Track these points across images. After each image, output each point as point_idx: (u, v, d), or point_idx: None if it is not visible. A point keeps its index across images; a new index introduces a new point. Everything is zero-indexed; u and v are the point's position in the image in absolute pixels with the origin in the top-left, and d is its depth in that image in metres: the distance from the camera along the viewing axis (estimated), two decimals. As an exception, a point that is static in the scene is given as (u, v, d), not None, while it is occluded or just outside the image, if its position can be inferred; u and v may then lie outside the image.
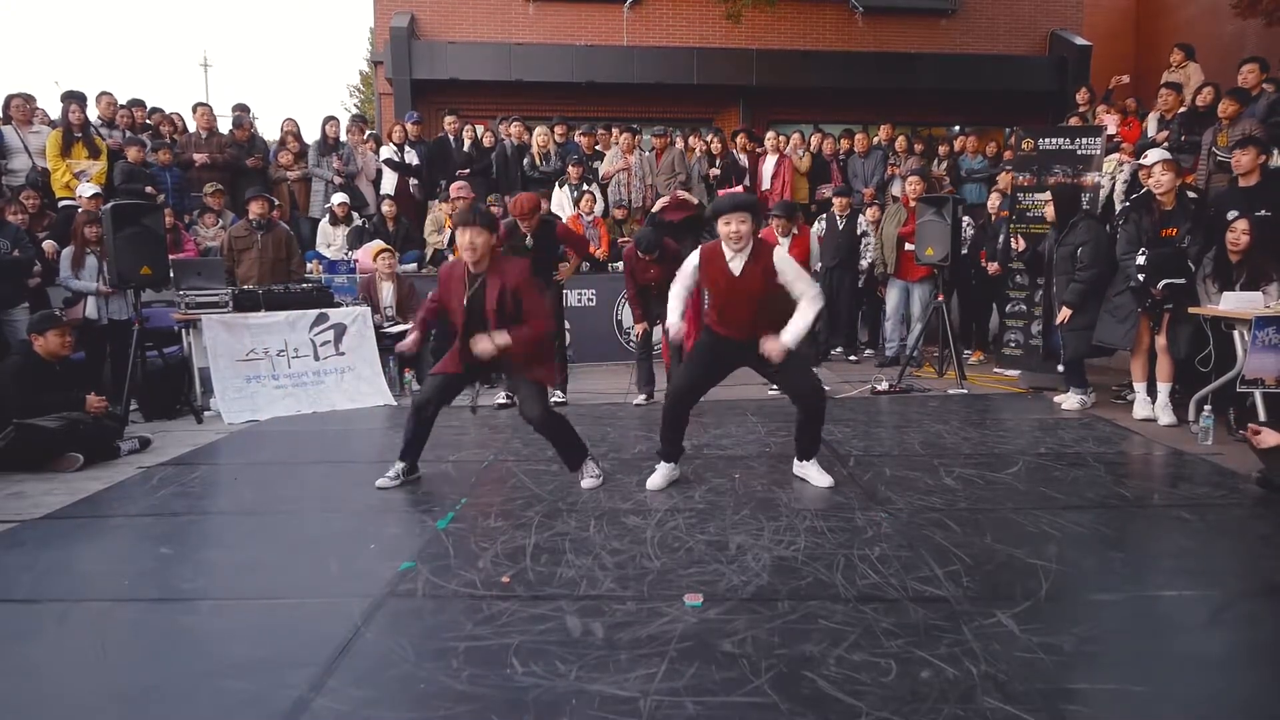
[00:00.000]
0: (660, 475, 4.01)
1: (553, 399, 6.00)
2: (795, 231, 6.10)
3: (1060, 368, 5.74)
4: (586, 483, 4.00)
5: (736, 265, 3.75)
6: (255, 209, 6.90)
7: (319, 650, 2.42)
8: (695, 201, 8.02)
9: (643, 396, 6.07)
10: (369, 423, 5.74)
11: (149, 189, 7.46)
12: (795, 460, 4.11)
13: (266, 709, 2.13)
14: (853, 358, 7.99)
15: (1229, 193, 5.41)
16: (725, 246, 3.76)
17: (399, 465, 4.10)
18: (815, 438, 4.05)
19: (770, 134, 9.50)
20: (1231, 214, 4.94)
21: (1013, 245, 6.03)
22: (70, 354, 5.10)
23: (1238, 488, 3.88)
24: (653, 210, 8.06)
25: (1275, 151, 5.94)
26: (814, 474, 4.01)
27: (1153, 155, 5.52)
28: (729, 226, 3.68)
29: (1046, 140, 6.77)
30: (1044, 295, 5.84)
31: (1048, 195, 5.69)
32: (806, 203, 9.17)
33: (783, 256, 3.80)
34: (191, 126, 8.70)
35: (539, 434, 4.04)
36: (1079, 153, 6.57)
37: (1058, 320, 5.50)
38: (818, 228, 7.84)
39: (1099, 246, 5.35)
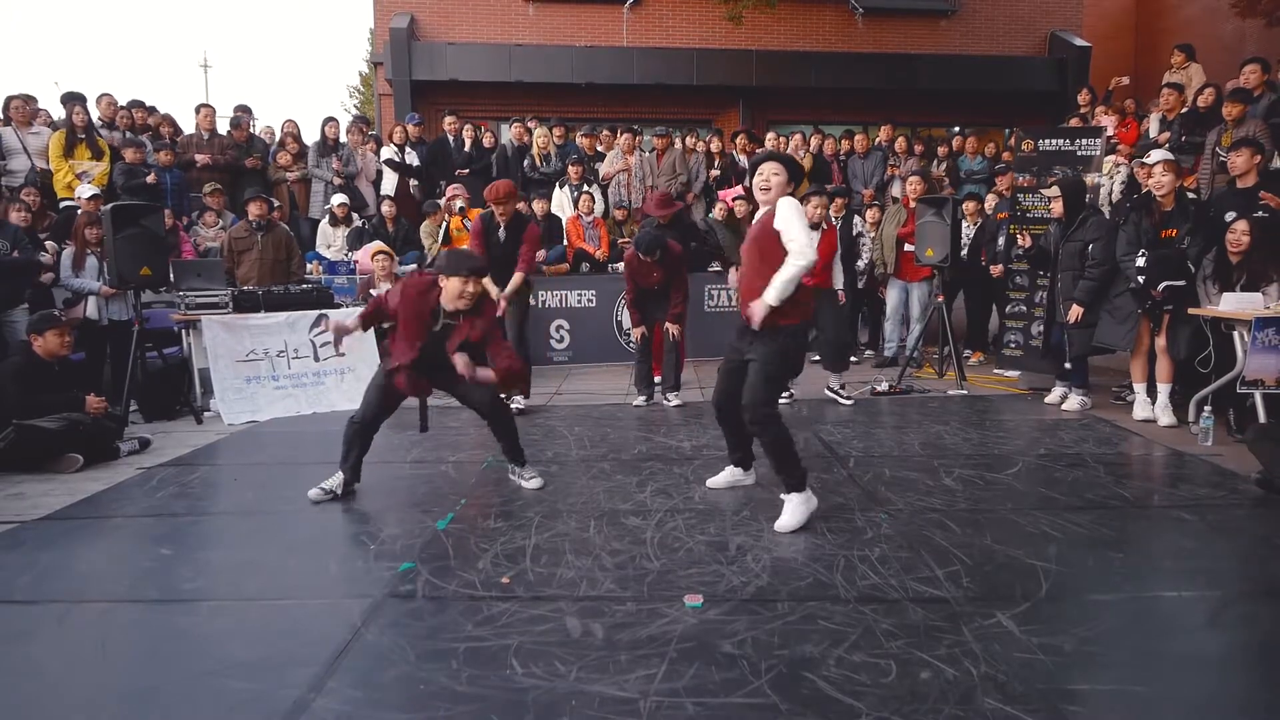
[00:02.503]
0: (723, 475, 4.01)
1: (514, 405, 5.74)
2: (824, 227, 5.94)
3: (1067, 364, 5.70)
4: (533, 483, 4.02)
5: (758, 215, 3.52)
6: (254, 210, 6.91)
7: (319, 650, 2.42)
8: (674, 196, 7.68)
9: (642, 398, 6.06)
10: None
11: (149, 178, 7.46)
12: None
13: (266, 709, 2.13)
14: (852, 359, 7.99)
15: (1228, 195, 5.41)
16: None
17: (339, 478, 3.97)
18: (773, 462, 3.48)
19: (771, 135, 9.50)
20: (1229, 215, 4.94)
21: (1019, 241, 5.98)
22: (70, 354, 5.10)
23: (1238, 488, 3.88)
24: (645, 213, 8.00)
25: (1277, 154, 5.93)
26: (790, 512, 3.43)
27: (1154, 155, 5.51)
28: (760, 177, 3.43)
29: (1046, 141, 6.78)
30: (1048, 291, 5.80)
31: (1056, 191, 5.63)
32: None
33: (786, 204, 3.37)
34: (188, 127, 8.70)
35: (488, 423, 4.05)
36: (1079, 153, 6.59)
37: (1069, 318, 5.46)
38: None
39: (1110, 243, 5.32)
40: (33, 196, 6.63)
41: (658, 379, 6.17)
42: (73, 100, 7.52)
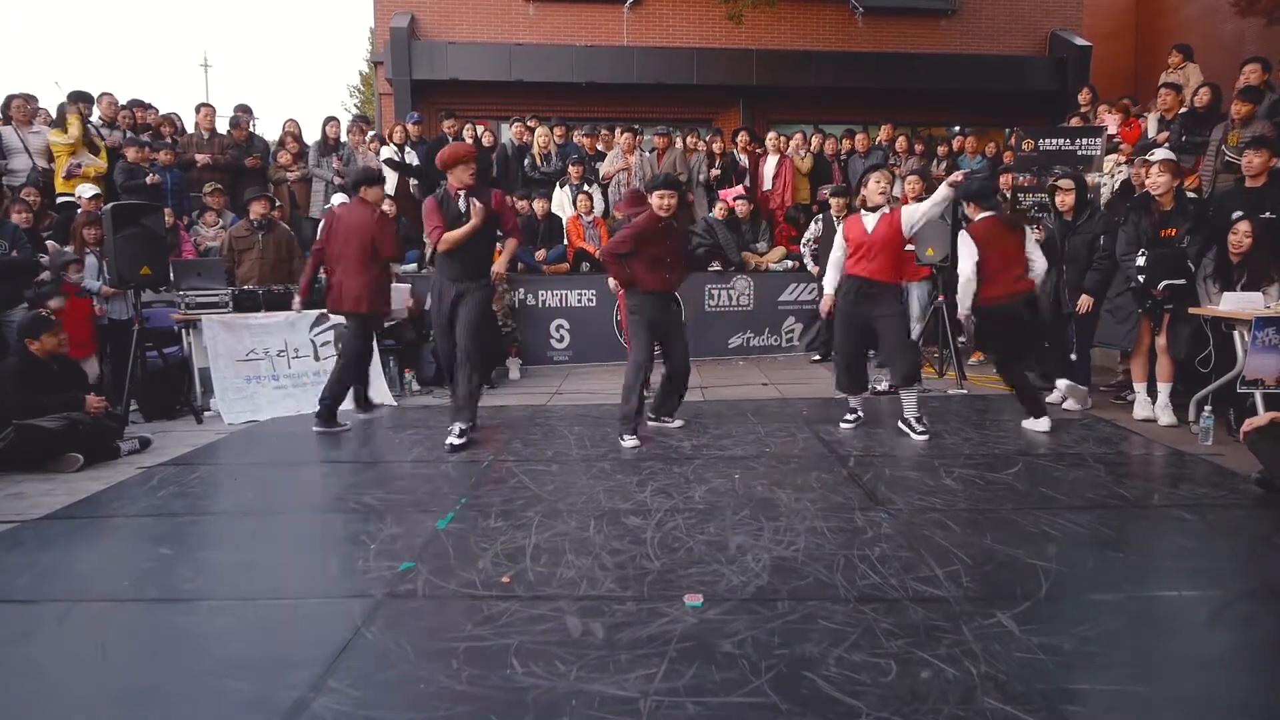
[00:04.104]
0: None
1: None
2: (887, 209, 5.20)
3: (1073, 356, 5.67)
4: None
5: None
6: (256, 209, 6.91)
7: (319, 650, 2.42)
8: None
9: (633, 440, 4.86)
10: (369, 423, 5.73)
11: (150, 179, 7.46)
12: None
13: (266, 709, 2.13)
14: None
15: (1235, 194, 5.40)
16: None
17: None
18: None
19: (771, 134, 9.50)
20: (1236, 215, 4.94)
21: (1035, 235, 5.95)
22: (67, 350, 5.07)
23: (1238, 488, 3.88)
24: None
25: None
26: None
27: (1156, 155, 5.50)
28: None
29: (1046, 140, 6.78)
30: (1055, 285, 5.76)
31: (1070, 183, 5.60)
32: (808, 203, 9.17)
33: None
34: (189, 127, 8.70)
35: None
36: (1079, 153, 6.58)
37: (1079, 308, 5.42)
38: (815, 229, 7.85)
39: (1114, 239, 5.31)
40: (34, 197, 6.63)
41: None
42: (79, 100, 7.54)
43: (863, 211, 5.03)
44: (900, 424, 5.04)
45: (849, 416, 5.28)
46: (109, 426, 4.86)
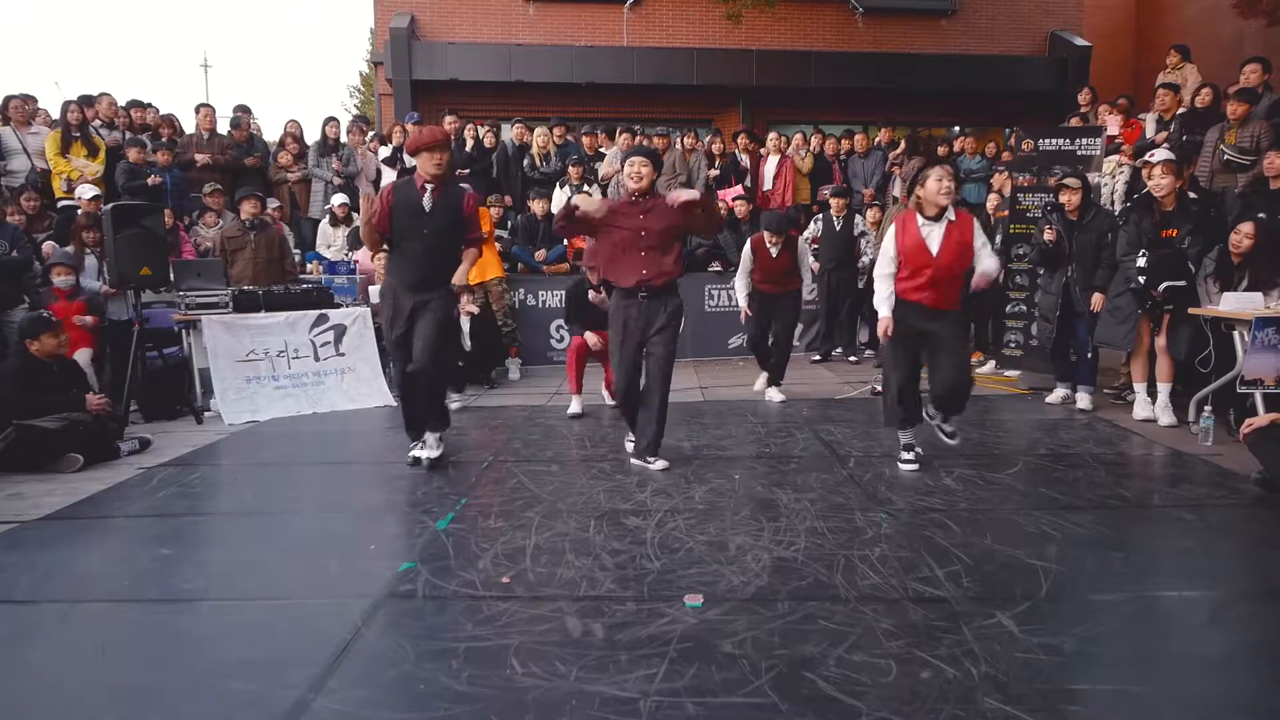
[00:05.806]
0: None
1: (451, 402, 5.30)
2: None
3: (1089, 354, 5.66)
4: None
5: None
6: (247, 209, 6.89)
7: (319, 650, 2.42)
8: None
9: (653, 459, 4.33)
10: (369, 424, 5.73)
11: (151, 180, 7.47)
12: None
13: (266, 709, 2.13)
14: (853, 358, 8.00)
15: (1256, 195, 5.40)
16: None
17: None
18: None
19: (772, 135, 9.51)
20: (1260, 216, 4.95)
21: (1046, 235, 5.94)
22: (66, 351, 5.07)
23: (1238, 488, 3.88)
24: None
25: None
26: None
27: (1158, 155, 5.50)
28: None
29: (1046, 141, 6.77)
30: (1063, 285, 5.74)
31: (1076, 182, 5.59)
32: (808, 203, 9.17)
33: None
34: (188, 127, 8.71)
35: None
36: (1079, 153, 6.57)
37: (1093, 306, 5.42)
38: (814, 228, 7.85)
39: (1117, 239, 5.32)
40: (32, 202, 6.63)
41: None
42: (85, 104, 7.57)
43: (920, 218, 3.98)
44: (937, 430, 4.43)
45: (907, 455, 4.24)
46: (109, 427, 4.86)
